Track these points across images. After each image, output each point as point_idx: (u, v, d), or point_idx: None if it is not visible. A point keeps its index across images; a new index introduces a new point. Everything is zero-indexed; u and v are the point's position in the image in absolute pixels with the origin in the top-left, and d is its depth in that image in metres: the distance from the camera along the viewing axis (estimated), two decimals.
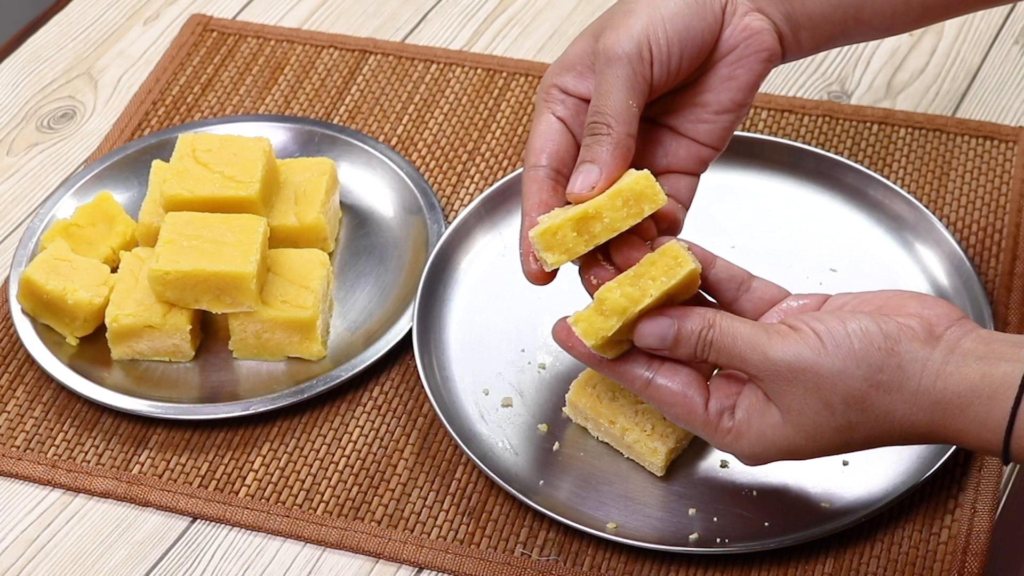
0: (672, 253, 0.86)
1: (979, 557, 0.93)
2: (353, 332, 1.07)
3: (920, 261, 1.08)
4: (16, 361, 1.07)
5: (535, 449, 0.99)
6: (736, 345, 0.84)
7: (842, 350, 0.82)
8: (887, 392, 0.82)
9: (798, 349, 0.83)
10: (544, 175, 0.91)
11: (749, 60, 0.92)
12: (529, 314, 1.06)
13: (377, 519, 0.97)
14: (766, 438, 0.85)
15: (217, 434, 1.02)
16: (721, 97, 0.92)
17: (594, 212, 0.86)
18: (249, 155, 1.08)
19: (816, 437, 0.84)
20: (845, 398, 0.82)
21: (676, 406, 0.86)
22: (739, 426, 0.85)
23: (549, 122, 0.92)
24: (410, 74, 1.25)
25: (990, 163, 1.15)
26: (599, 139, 0.88)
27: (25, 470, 1.01)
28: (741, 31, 0.91)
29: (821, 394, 0.82)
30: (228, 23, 1.31)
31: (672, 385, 0.86)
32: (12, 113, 1.25)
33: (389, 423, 1.02)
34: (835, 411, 0.83)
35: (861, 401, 0.82)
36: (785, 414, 0.84)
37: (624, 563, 0.94)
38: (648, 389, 0.87)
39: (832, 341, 0.82)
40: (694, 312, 0.85)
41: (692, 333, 0.85)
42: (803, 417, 0.83)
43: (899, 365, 0.82)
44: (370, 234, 1.13)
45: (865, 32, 0.95)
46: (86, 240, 1.10)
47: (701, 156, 0.94)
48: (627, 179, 0.87)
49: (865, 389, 0.82)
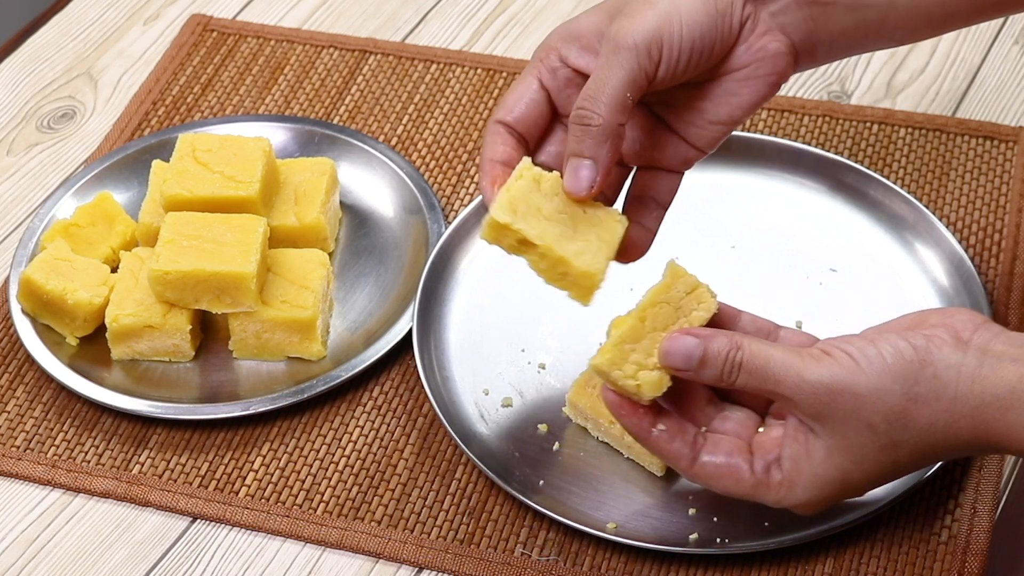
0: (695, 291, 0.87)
1: (979, 557, 0.93)
2: (353, 332, 1.07)
3: (920, 261, 1.08)
4: (16, 361, 1.07)
5: (535, 449, 0.99)
6: (769, 367, 0.83)
7: (876, 367, 0.81)
8: (926, 404, 0.81)
9: (833, 370, 0.82)
10: (505, 130, 0.89)
11: (756, 82, 0.91)
12: (529, 314, 1.06)
13: (377, 519, 0.97)
14: (818, 476, 0.84)
15: (217, 434, 1.02)
16: (720, 109, 0.91)
17: (541, 251, 0.86)
18: (249, 155, 1.08)
19: (863, 459, 0.83)
20: (886, 416, 0.82)
21: (724, 478, 0.86)
22: (788, 475, 0.85)
23: (530, 85, 0.90)
24: (410, 74, 1.25)
25: (990, 163, 1.15)
26: (589, 131, 0.86)
27: (25, 470, 1.01)
28: (756, 51, 0.90)
29: (861, 415, 0.82)
30: (228, 23, 1.31)
31: (716, 459, 0.86)
32: (12, 113, 1.25)
33: (389, 423, 1.02)
34: (877, 430, 0.82)
35: (902, 417, 0.81)
36: (828, 440, 0.83)
37: (624, 563, 0.94)
38: (693, 467, 0.86)
39: (865, 360, 0.82)
40: (720, 333, 0.84)
41: (719, 354, 0.84)
42: (847, 440, 0.82)
43: (934, 375, 0.81)
44: (370, 234, 1.13)
45: (883, 43, 0.94)
46: (86, 240, 1.10)
47: (687, 156, 0.93)
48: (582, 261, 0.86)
49: (904, 404, 0.81)
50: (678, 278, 0.87)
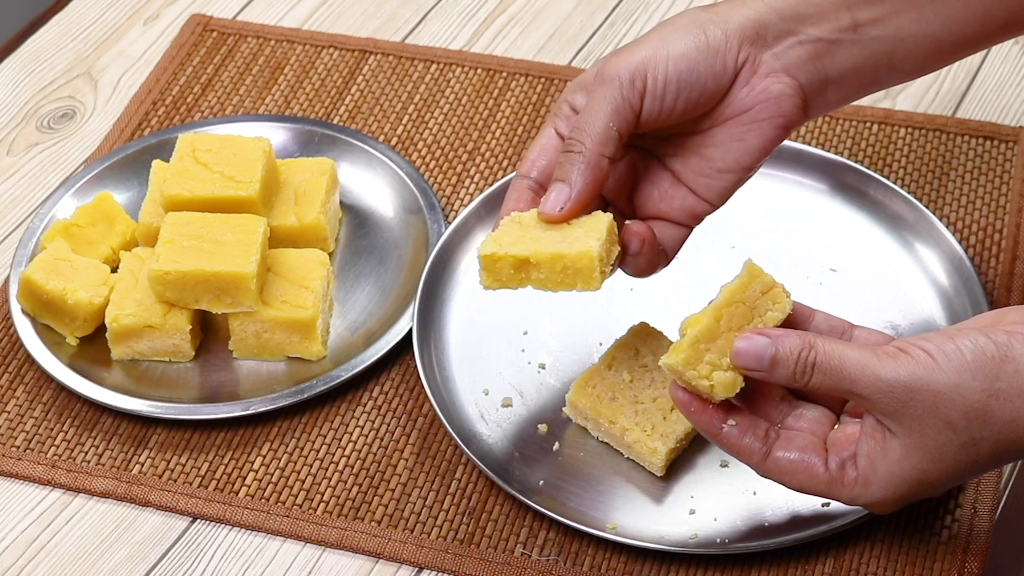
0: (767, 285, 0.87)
1: (979, 557, 0.93)
2: (353, 332, 1.07)
3: (920, 261, 1.08)
4: (16, 361, 1.07)
5: (535, 449, 0.99)
6: (844, 367, 0.82)
7: (955, 364, 0.80)
8: (1008, 400, 0.80)
9: (911, 368, 0.81)
10: (527, 186, 0.92)
11: (762, 125, 0.91)
12: (529, 314, 1.06)
13: (377, 519, 0.97)
14: (894, 475, 0.83)
15: (217, 434, 1.02)
16: (727, 156, 0.91)
17: (535, 262, 0.88)
18: (249, 155, 1.08)
19: (942, 458, 0.82)
20: (966, 413, 0.81)
21: (798, 474, 0.85)
22: (864, 473, 0.84)
23: (549, 136, 0.92)
24: (410, 74, 1.25)
25: (990, 163, 1.15)
26: (571, 157, 0.88)
27: (25, 470, 1.01)
28: (758, 93, 0.90)
29: (940, 412, 0.81)
30: (228, 23, 1.31)
31: (789, 455, 0.85)
32: (12, 113, 1.25)
33: (389, 423, 1.02)
34: (957, 428, 0.81)
35: (983, 414, 0.81)
36: (906, 439, 0.82)
37: (624, 563, 0.94)
38: (766, 463, 0.86)
39: (944, 357, 0.81)
40: (793, 333, 0.84)
41: (791, 354, 0.83)
42: (925, 439, 0.81)
43: (1016, 371, 0.80)
44: (370, 234, 1.13)
45: (896, 78, 0.94)
46: (86, 240, 1.10)
47: (696, 211, 0.93)
48: (574, 247, 0.87)
49: (985, 401, 0.80)
50: (755, 278, 0.87)
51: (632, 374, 0.98)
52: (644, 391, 0.98)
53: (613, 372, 0.98)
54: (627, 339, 1.00)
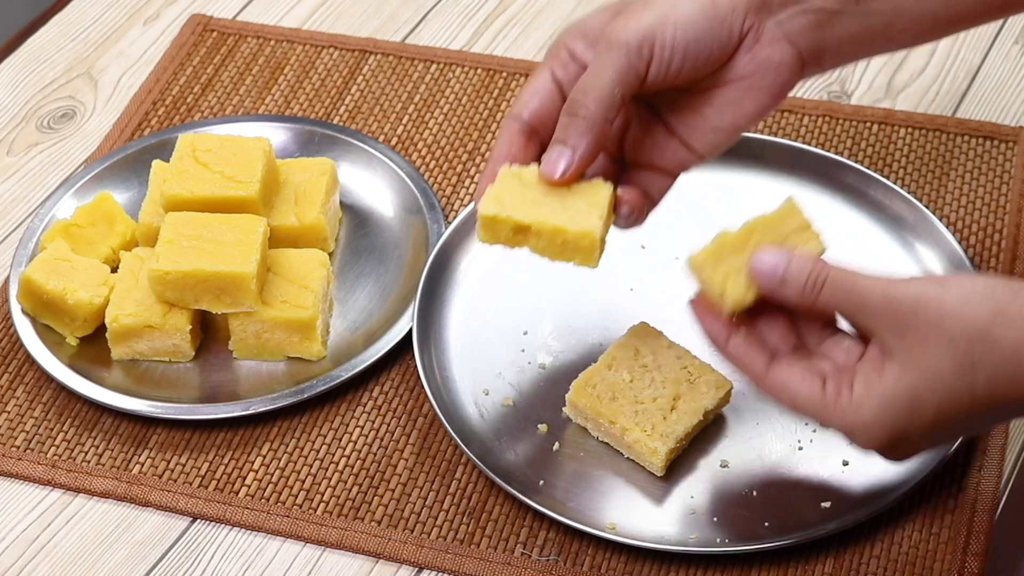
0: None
1: (979, 557, 0.93)
2: (353, 332, 1.07)
3: (920, 261, 1.08)
4: (16, 361, 1.07)
5: (535, 449, 0.99)
6: (855, 285, 0.83)
7: (965, 287, 0.81)
8: (1013, 323, 0.79)
9: (922, 284, 0.82)
10: (518, 128, 0.91)
11: (759, 92, 0.91)
12: (529, 314, 1.06)
13: (377, 519, 0.97)
14: (886, 396, 0.82)
15: (217, 434, 1.02)
16: (723, 116, 0.92)
17: (535, 230, 0.89)
18: (249, 155, 1.08)
19: (936, 377, 0.81)
20: (967, 331, 0.80)
21: (794, 391, 0.85)
22: (857, 395, 0.84)
23: (544, 80, 0.92)
24: (410, 74, 1.25)
25: (990, 163, 1.15)
26: (574, 121, 0.88)
27: (25, 470, 1.01)
28: (760, 62, 0.91)
29: (944, 327, 0.80)
30: (228, 23, 1.31)
31: (792, 370, 0.86)
32: (12, 113, 1.25)
33: (389, 423, 1.02)
34: (957, 347, 0.80)
35: (985, 335, 0.80)
36: (905, 357, 0.82)
37: (624, 563, 0.94)
38: (766, 378, 0.86)
39: (955, 282, 0.82)
40: (810, 255, 0.85)
41: (803, 270, 0.84)
42: (924, 356, 0.81)
43: None
44: (370, 234, 1.13)
45: (890, 48, 0.94)
46: (86, 240, 1.10)
47: (685, 163, 0.94)
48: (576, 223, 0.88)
49: (991, 320, 0.80)
50: (793, 214, 0.88)
51: (632, 374, 0.98)
52: (644, 391, 0.98)
53: (613, 372, 0.99)
54: (627, 339, 1.00)
